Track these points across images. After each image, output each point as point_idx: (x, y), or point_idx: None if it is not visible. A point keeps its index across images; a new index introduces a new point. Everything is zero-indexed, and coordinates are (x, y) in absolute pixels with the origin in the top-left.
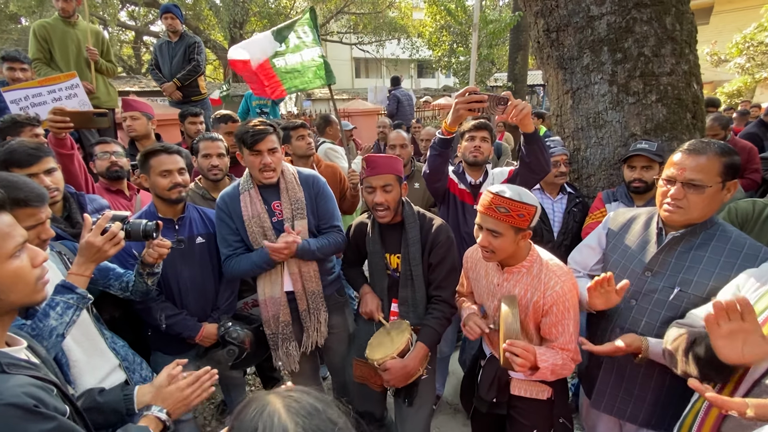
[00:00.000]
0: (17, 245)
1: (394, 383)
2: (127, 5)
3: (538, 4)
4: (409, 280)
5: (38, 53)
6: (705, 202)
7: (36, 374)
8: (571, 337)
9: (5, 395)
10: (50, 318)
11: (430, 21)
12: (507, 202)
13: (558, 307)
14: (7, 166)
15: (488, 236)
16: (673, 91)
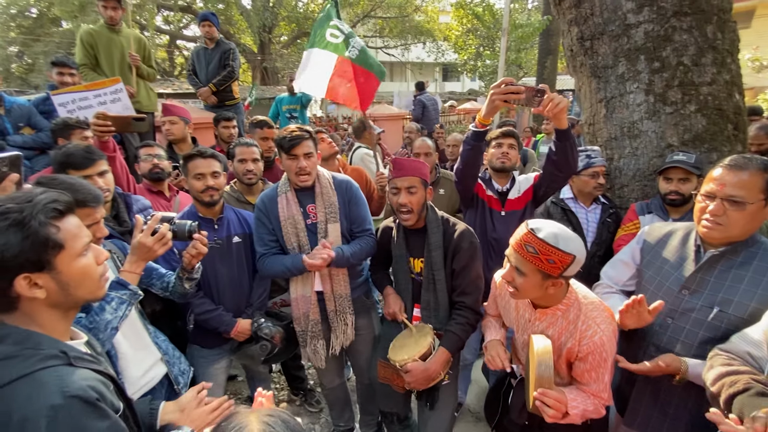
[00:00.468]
0: (85, 244)
1: (415, 385)
2: (163, 10)
3: (573, 12)
4: (431, 284)
5: (85, 59)
6: (746, 219)
7: (98, 368)
8: (605, 386)
9: (72, 388)
10: (106, 312)
11: (457, 24)
12: (538, 243)
13: (594, 357)
14: (65, 168)
15: (512, 271)
16: (713, 101)
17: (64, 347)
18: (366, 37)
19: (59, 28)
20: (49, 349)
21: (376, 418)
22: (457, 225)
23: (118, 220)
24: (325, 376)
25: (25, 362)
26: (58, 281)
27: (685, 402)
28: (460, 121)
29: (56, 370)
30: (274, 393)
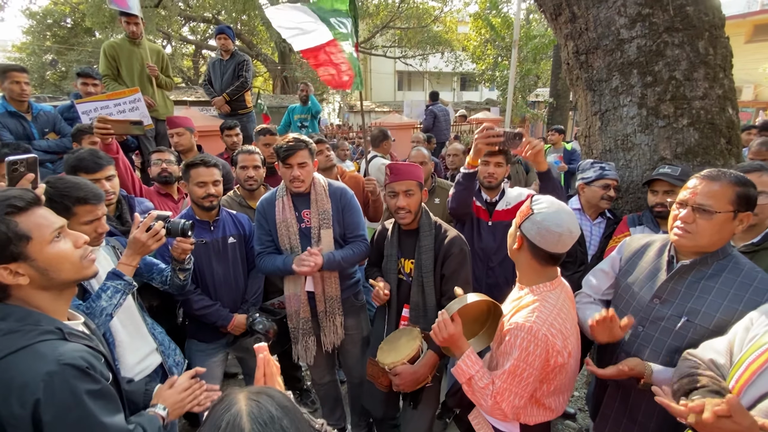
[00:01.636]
0: (53, 231)
1: (403, 388)
2: (189, 21)
3: (568, 26)
4: (420, 286)
5: (107, 70)
6: (714, 228)
7: (89, 344)
8: (505, 375)
9: (65, 357)
10: (102, 300)
11: (475, 35)
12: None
13: (509, 338)
14: (76, 171)
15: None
16: (706, 115)
17: (60, 325)
18: (384, 47)
19: (92, 38)
20: (46, 325)
21: (367, 418)
22: (449, 231)
23: (121, 219)
24: (315, 371)
25: (25, 336)
26: (36, 267)
27: (651, 409)
28: (472, 130)
29: (52, 343)
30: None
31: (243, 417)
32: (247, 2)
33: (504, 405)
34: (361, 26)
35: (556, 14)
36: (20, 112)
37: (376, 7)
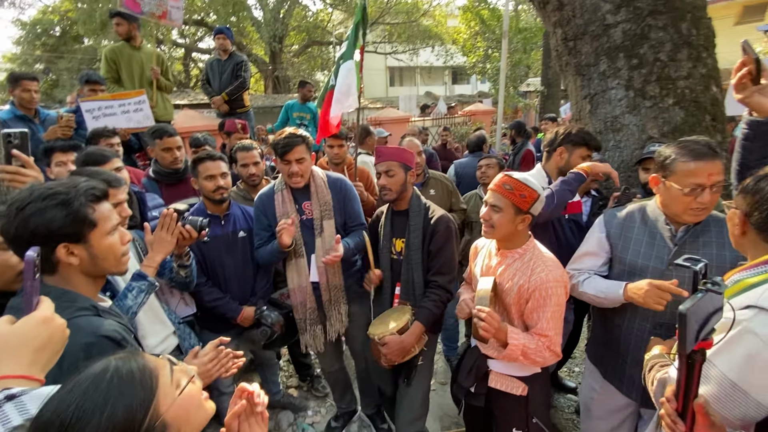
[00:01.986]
0: (113, 226)
1: (391, 356)
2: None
3: (556, 14)
4: (410, 264)
5: (107, 74)
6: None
7: (121, 321)
8: (549, 324)
9: (102, 330)
10: (128, 299)
11: (465, 28)
12: (513, 181)
13: (539, 293)
14: (86, 165)
15: (490, 210)
16: (690, 94)
17: (94, 303)
18: (375, 43)
19: (81, 45)
20: (82, 303)
21: (375, 399)
22: (436, 211)
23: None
24: (324, 360)
25: (63, 312)
26: (89, 253)
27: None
28: (465, 122)
29: (88, 318)
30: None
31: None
32: (236, 4)
33: (557, 348)
34: (350, 23)
35: (543, 3)
36: (29, 116)
37: None
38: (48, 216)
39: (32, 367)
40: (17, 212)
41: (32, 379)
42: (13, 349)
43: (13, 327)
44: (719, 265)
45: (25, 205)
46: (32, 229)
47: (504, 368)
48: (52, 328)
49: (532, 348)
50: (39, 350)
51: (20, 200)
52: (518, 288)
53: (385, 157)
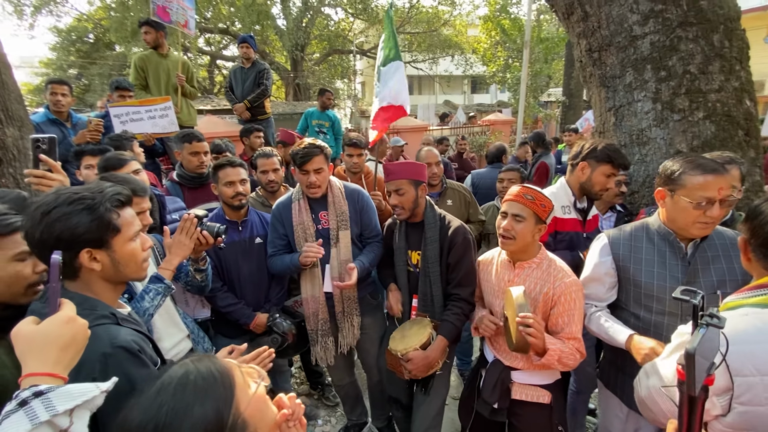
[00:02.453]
0: (136, 232)
1: (416, 372)
2: (205, 33)
3: (581, 25)
4: (428, 277)
5: (136, 80)
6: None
7: (139, 329)
8: (578, 326)
9: (119, 340)
10: (145, 301)
11: (485, 37)
12: (533, 192)
13: (566, 297)
14: (106, 170)
15: (512, 221)
16: (722, 107)
17: (113, 311)
18: None
19: (113, 52)
20: (102, 311)
21: (386, 412)
22: (452, 222)
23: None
24: (335, 373)
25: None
26: (112, 258)
27: None
28: (484, 132)
29: (107, 327)
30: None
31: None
32: (260, 13)
33: (583, 350)
34: (371, 32)
35: (568, 13)
36: (60, 120)
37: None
38: (73, 221)
39: (57, 365)
40: (42, 216)
41: (57, 377)
42: (39, 348)
43: (38, 327)
44: (732, 278)
45: (51, 210)
46: (57, 234)
47: (528, 378)
48: (75, 328)
49: (566, 352)
50: (63, 349)
51: (46, 204)
52: (543, 296)
53: (394, 176)
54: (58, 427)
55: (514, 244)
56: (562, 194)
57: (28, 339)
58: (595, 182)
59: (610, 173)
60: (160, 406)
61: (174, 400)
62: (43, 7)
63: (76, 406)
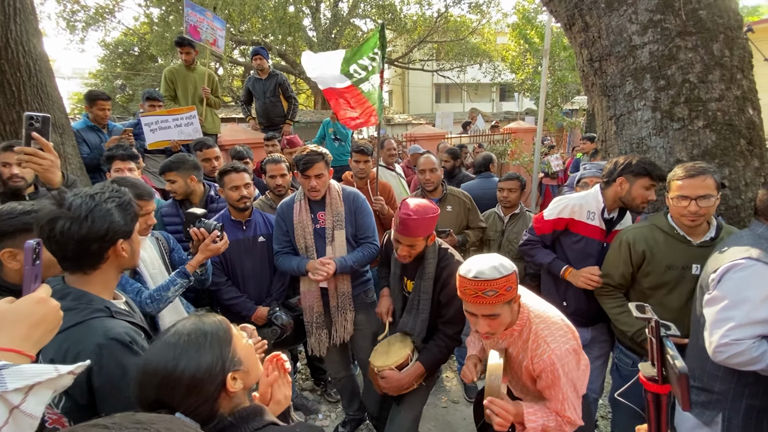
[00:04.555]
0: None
1: (387, 391)
2: (239, 45)
3: (582, 35)
4: (415, 308)
5: (166, 92)
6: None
7: (132, 320)
8: (564, 403)
9: (112, 332)
10: (170, 291)
11: (514, 45)
12: (492, 284)
13: (547, 375)
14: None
15: (486, 322)
16: (723, 116)
17: (108, 304)
18: (422, 61)
19: (155, 64)
20: (97, 304)
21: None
22: (451, 258)
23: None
24: (331, 366)
25: (80, 313)
26: (132, 247)
27: None
28: (504, 140)
29: (102, 320)
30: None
31: None
32: (292, 26)
33: (578, 420)
34: (399, 42)
35: (570, 24)
36: (98, 127)
37: (414, 23)
38: (115, 216)
39: (25, 342)
40: (87, 215)
41: (23, 354)
42: (9, 323)
43: (11, 305)
44: None
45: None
46: (101, 228)
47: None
48: (47, 308)
49: (552, 426)
50: (33, 327)
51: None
52: (525, 368)
53: (410, 233)
54: (10, 403)
55: (497, 335)
56: (592, 200)
57: (0, 316)
58: (636, 196)
59: (649, 185)
60: (176, 345)
61: (188, 340)
62: (93, 22)
63: (34, 385)
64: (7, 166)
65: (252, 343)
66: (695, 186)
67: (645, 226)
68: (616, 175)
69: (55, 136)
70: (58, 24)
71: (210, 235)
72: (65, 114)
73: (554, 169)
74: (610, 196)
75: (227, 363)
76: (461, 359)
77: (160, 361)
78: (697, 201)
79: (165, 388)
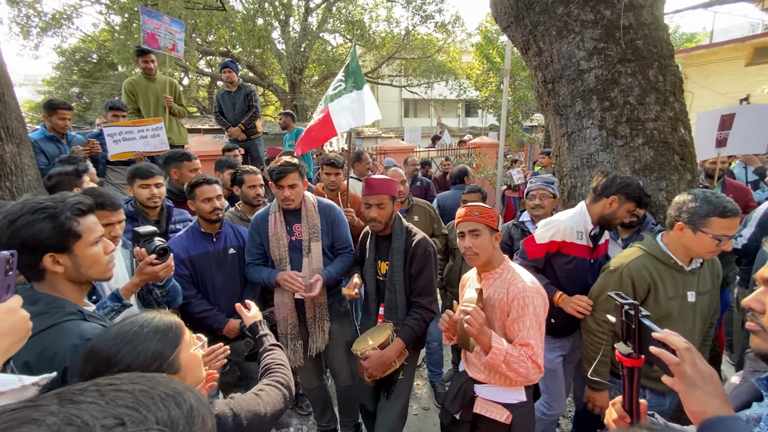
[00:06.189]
0: (97, 237)
1: (372, 370)
2: (206, 55)
3: (536, 59)
4: (393, 285)
5: (128, 104)
6: None
7: (104, 324)
8: (529, 332)
9: (86, 334)
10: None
11: (478, 64)
12: (478, 207)
13: (517, 302)
14: (133, 177)
15: (470, 237)
16: (659, 135)
17: (80, 308)
18: (390, 77)
19: (115, 72)
20: (70, 308)
21: (354, 419)
22: (416, 235)
23: (159, 224)
24: (304, 377)
25: (53, 316)
26: (74, 262)
27: None
28: (469, 154)
29: (75, 322)
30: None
31: None
32: (261, 38)
33: (539, 359)
34: (368, 57)
35: (525, 48)
36: (57, 137)
37: (383, 39)
38: (36, 228)
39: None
40: (9, 224)
41: None
42: None
43: None
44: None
45: (17, 218)
46: (21, 239)
47: (489, 393)
48: (15, 318)
49: (514, 355)
50: (1, 336)
51: (12, 213)
52: (499, 302)
53: (376, 190)
54: None
55: (479, 258)
56: (580, 220)
57: None
58: (619, 216)
59: (632, 210)
60: (125, 333)
61: (137, 331)
62: (49, 28)
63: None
64: None
65: (200, 354)
66: (735, 225)
67: (640, 256)
68: (611, 192)
69: (11, 147)
70: (11, 29)
71: (146, 258)
72: (23, 123)
73: (516, 182)
74: (596, 211)
75: (164, 365)
76: (432, 367)
77: (105, 344)
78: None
79: (101, 368)
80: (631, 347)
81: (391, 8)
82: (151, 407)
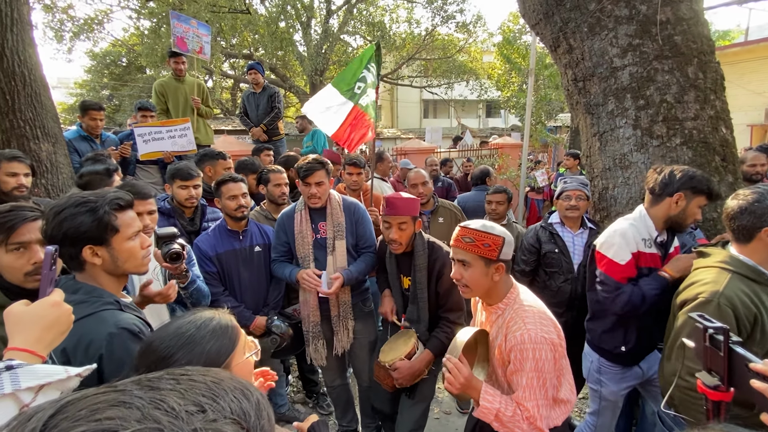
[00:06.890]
0: (134, 232)
1: (402, 381)
2: (230, 58)
3: (566, 57)
4: (416, 300)
5: (157, 105)
6: None
7: (139, 315)
8: (525, 393)
9: (122, 323)
10: None
11: (499, 64)
12: (472, 232)
13: (515, 355)
14: (173, 177)
15: (459, 267)
16: (698, 134)
17: (117, 298)
18: (410, 77)
19: (143, 75)
20: (107, 298)
21: (375, 421)
22: (440, 251)
23: (193, 222)
24: (327, 374)
25: (92, 305)
26: (111, 255)
27: None
28: (491, 155)
29: (113, 312)
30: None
31: None
32: (283, 40)
33: (539, 422)
34: (388, 58)
35: (555, 46)
36: (91, 137)
37: (403, 41)
38: (78, 220)
39: (38, 343)
40: (54, 216)
41: (35, 354)
42: (24, 326)
43: (27, 308)
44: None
45: (61, 210)
46: (64, 231)
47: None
48: (60, 311)
49: (507, 415)
50: (46, 329)
51: (59, 205)
52: (498, 348)
53: (399, 211)
54: (21, 402)
55: (471, 291)
56: (642, 227)
57: (17, 317)
58: (690, 214)
59: (703, 205)
60: (182, 335)
61: (194, 334)
62: (81, 32)
63: (44, 385)
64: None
65: (253, 359)
66: None
67: (730, 278)
68: (674, 189)
69: (47, 146)
70: (45, 33)
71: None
72: (58, 123)
73: (540, 183)
74: (661, 215)
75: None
76: None
77: (161, 344)
78: None
79: (154, 367)
80: (718, 378)
81: (411, 9)
82: (225, 398)
